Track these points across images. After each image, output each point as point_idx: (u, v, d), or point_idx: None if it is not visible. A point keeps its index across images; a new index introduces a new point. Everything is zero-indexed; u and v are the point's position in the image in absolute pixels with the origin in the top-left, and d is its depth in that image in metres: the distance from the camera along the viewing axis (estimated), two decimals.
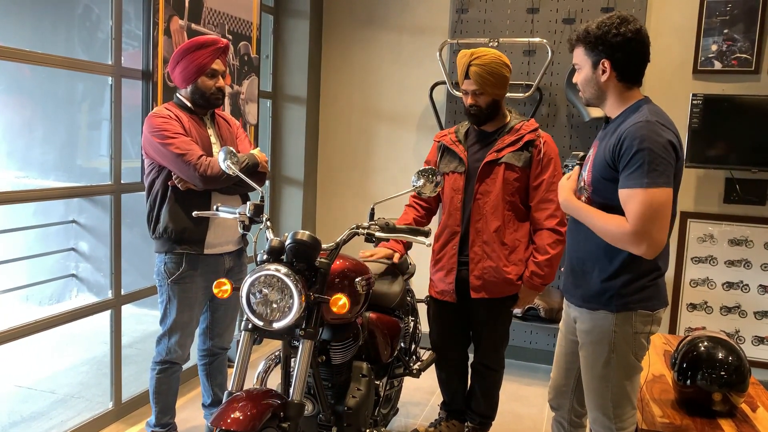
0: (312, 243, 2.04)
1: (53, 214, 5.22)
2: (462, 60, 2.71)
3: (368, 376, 2.50)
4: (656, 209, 1.86)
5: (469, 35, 4.23)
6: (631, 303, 2.02)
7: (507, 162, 2.72)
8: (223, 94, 2.70)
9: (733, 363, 2.22)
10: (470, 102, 2.72)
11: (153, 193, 2.64)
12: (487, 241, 2.74)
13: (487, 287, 2.75)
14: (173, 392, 2.82)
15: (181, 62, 2.60)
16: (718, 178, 3.93)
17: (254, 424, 1.81)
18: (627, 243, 1.91)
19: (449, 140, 2.86)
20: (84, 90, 4.96)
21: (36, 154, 5.09)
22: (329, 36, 4.68)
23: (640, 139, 1.88)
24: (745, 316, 3.93)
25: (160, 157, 2.57)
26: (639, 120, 1.93)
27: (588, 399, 2.15)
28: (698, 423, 2.17)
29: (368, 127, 4.64)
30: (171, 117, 2.59)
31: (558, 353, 2.36)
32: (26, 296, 5.22)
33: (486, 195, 2.74)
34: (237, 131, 2.87)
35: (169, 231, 2.61)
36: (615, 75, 2.01)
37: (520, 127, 2.77)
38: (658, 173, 1.87)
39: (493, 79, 2.66)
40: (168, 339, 2.73)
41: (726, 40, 3.84)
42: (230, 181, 2.58)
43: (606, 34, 1.98)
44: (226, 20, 3.65)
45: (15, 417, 3.32)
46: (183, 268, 2.65)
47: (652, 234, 1.86)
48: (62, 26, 4.93)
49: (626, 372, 2.05)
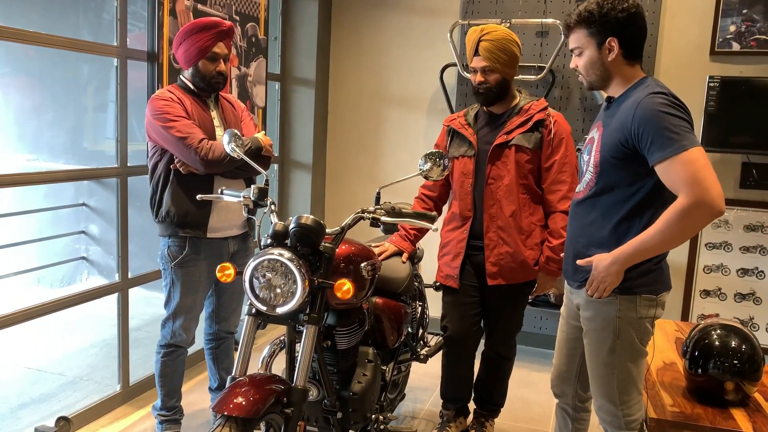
0: (316, 227, 2.01)
1: (64, 197, 5.23)
2: (472, 36, 2.63)
3: (374, 361, 2.47)
4: (700, 168, 1.79)
5: (481, 16, 4.15)
6: (635, 287, 1.98)
7: (517, 144, 2.65)
8: (225, 78, 2.65)
9: (746, 352, 2.17)
10: (479, 80, 2.64)
11: (156, 176, 2.62)
12: (502, 227, 2.67)
13: (504, 273, 2.69)
14: (179, 376, 2.82)
15: (183, 44, 2.56)
16: (735, 162, 3.84)
17: (257, 410, 1.79)
18: (694, 214, 1.80)
19: (458, 124, 2.79)
20: (90, 72, 4.94)
21: (46, 137, 5.10)
22: (338, 17, 4.61)
23: (656, 111, 1.84)
24: (760, 303, 3.87)
25: (162, 140, 2.54)
26: (649, 92, 1.89)
27: (593, 386, 2.12)
28: (709, 412, 2.13)
29: (378, 111, 4.59)
30: (173, 100, 2.55)
31: (560, 339, 2.33)
32: (38, 279, 5.26)
33: (498, 179, 2.67)
34: (242, 114, 2.83)
35: (172, 215, 2.59)
36: (621, 53, 1.97)
37: (529, 107, 2.69)
38: (684, 136, 1.82)
39: (504, 56, 2.59)
40: (172, 322, 2.72)
41: (745, 21, 3.74)
42: (232, 165, 2.55)
43: (611, 11, 1.94)
44: (233, 0, 3.60)
45: (24, 398, 3.35)
46: (186, 252, 2.64)
47: (709, 189, 1.78)
48: (70, 8, 4.91)
49: (631, 357, 2.02)
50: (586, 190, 2.07)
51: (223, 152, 2.50)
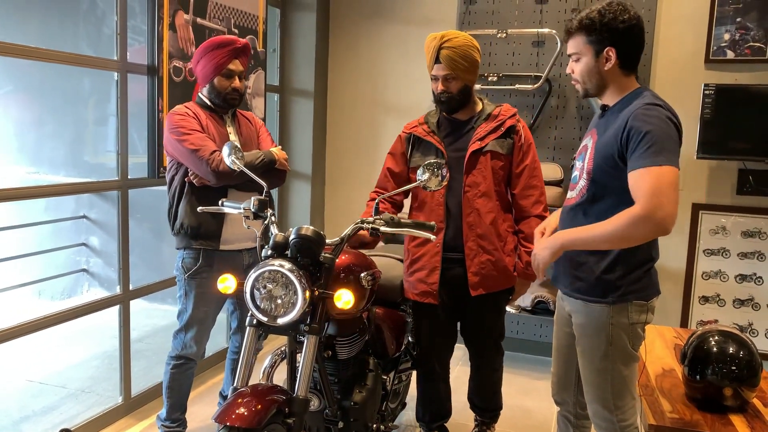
0: (316, 238, 2.03)
1: (64, 210, 5.25)
2: (431, 44, 2.54)
3: (375, 370, 2.49)
4: (666, 185, 1.83)
5: (477, 26, 4.19)
6: (627, 294, 2.01)
7: (492, 150, 2.59)
8: (240, 95, 2.71)
9: (744, 357, 2.18)
10: (441, 88, 2.57)
11: (172, 189, 2.68)
12: (482, 235, 2.59)
13: (485, 282, 2.62)
14: (186, 388, 2.84)
15: (200, 61, 2.63)
16: (731, 169, 3.87)
17: (258, 420, 1.80)
18: (641, 225, 1.84)
19: (422, 131, 2.68)
20: (91, 85, 4.97)
21: (46, 150, 5.13)
22: (336, 29, 4.65)
23: (648, 122, 1.88)
24: (759, 309, 3.88)
25: (177, 153, 2.60)
26: (645, 103, 1.93)
27: (587, 392, 2.14)
28: (708, 418, 2.14)
29: (376, 120, 4.62)
30: (188, 114, 2.62)
31: (556, 347, 2.34)
32: (39, 291, 5.27)
33: (475, 186, 2.59)
34: (259, 130, 2.89)
35: (185, 227, 2.64)
36: (618, 63, 2.00)
37: (498, 113, 2.64)
38: (666, 153, 1.86)
39: (465, 63, 2.52)
40: (184, 334, 2.76)
41: (739, 29, 3.77)
42: (244, 177, 2.55)
43: (612, 21, 1.97)
44: (232, 14, 3.64)
45: (26, 411, 3.35)
46: (199, 264, 2.68)
47: (664, 206, 1.82)
48: (69, 22, 4.95)
49: (624, 362, 2.04)
50: (578, 197, 2.09)
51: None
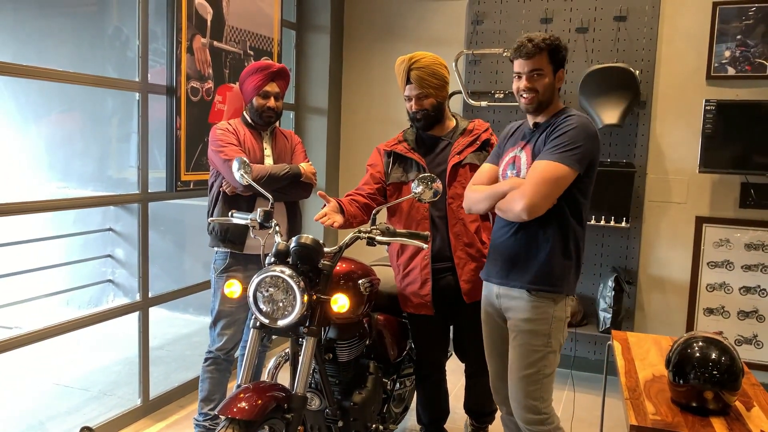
0: (314, 246, 2.19)
1: (92, 223, 5.50)
2: (401, 66, 2.68)
3: (375, 374, 2.62)
4: (548, 178, 2.08)
5: (485, 45, 4.33)
6: (567, 287, 2.21)
7: (470, 162, 2.70)
8: (276, 113, 2.96)
9: (725, 363, 2.26)
10: (415, 107, 2.70)
11: (211, 195, 2.97)
12: (469, 243, 2.69)
13: (478, 289, 2.66)
14: (215, 386, 3.00)
15: (244, 83, 2.93)
16: (734, 182, 3.94)
17: (258, 414, 1.95)
18: (509, 200, 2.16)
19: (403, 149, 2.79)
20: (115, 105, 5.24)
21: (75, 166, 5.39)
22: (349, 49, 4.84)
23: (571, 124, 2.15)
24: (763, 321, 3.92)
25: (214, 162, 2.88)
26: (574, 113, 2.22)
27: (520, 385, 2.24)
28: (689, 420, 2.22)
29: (387, 138, 4.74)
30: (228, 129, 2.90)
31: (488, 343, 2.47)
32: (67, 301, 5.50)
33: (458, 198, 2.67)
34: (295, 146, 3.12)
35: (216, 230, 2.93)
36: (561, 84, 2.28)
37: (473, 128, 2.77)
38: (570, 156, 2.10)
39: (435, 80, 2.65)
40: (213, 329, 2.99)
41: (739, 46, 3.86)
42: (270, 186, 2.70)
43: (561, 47, 2.24)
44: (248, 37, 3.84)
45: (52, 411, 3.55)
46: (228, 263, 2.95)
47: (533, 197, 2.09)
48: (98, 47, 5.22)
49: (555, 359, 2.23)
50: None
51: (259, 173, 2.77)
